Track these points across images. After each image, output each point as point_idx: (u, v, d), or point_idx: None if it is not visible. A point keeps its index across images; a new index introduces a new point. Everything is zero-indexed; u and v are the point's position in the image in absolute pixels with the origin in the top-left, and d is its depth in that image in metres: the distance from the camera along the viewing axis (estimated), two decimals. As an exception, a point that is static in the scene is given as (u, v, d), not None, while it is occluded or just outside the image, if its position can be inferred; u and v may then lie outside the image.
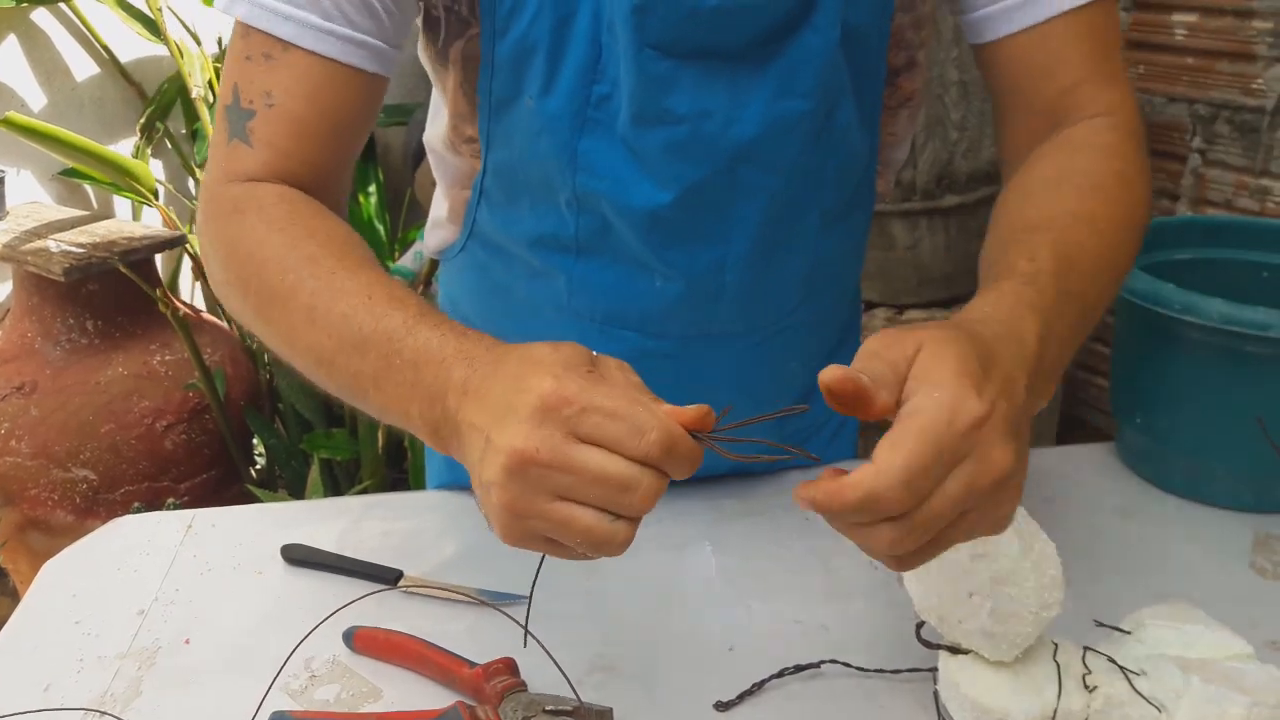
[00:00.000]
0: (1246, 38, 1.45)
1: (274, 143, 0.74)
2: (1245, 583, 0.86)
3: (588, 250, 0.84)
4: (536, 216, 0.84)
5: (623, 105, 0.75)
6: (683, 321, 0.87)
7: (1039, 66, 0.78)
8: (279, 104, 0.73)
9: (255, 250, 0.70)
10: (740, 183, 0.79)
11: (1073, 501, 0.97)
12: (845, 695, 0.73)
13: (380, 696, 0.73)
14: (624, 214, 0.80)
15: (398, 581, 0.84)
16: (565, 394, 0.52)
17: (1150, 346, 0.96)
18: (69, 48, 2.12)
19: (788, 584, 0.85)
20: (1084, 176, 0.73)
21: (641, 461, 0.52)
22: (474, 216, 0.88)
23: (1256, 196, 1.49)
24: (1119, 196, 0.73)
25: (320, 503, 1.00)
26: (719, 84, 0.74)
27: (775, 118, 0.76)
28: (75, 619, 0.81)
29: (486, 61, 0.77)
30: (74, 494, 1.89)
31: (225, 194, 0.74)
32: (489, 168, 0.83)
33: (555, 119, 0.77)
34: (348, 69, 0.73)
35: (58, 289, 1.87)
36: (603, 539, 0.53)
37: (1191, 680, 0.65)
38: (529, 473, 0.52)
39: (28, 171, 2.11)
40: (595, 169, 0.78)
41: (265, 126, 0.74)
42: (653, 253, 0.82)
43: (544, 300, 0.89)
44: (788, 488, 0.99)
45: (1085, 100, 0.78)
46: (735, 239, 0.82)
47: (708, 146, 0.76)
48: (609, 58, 0.74)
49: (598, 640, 0.78)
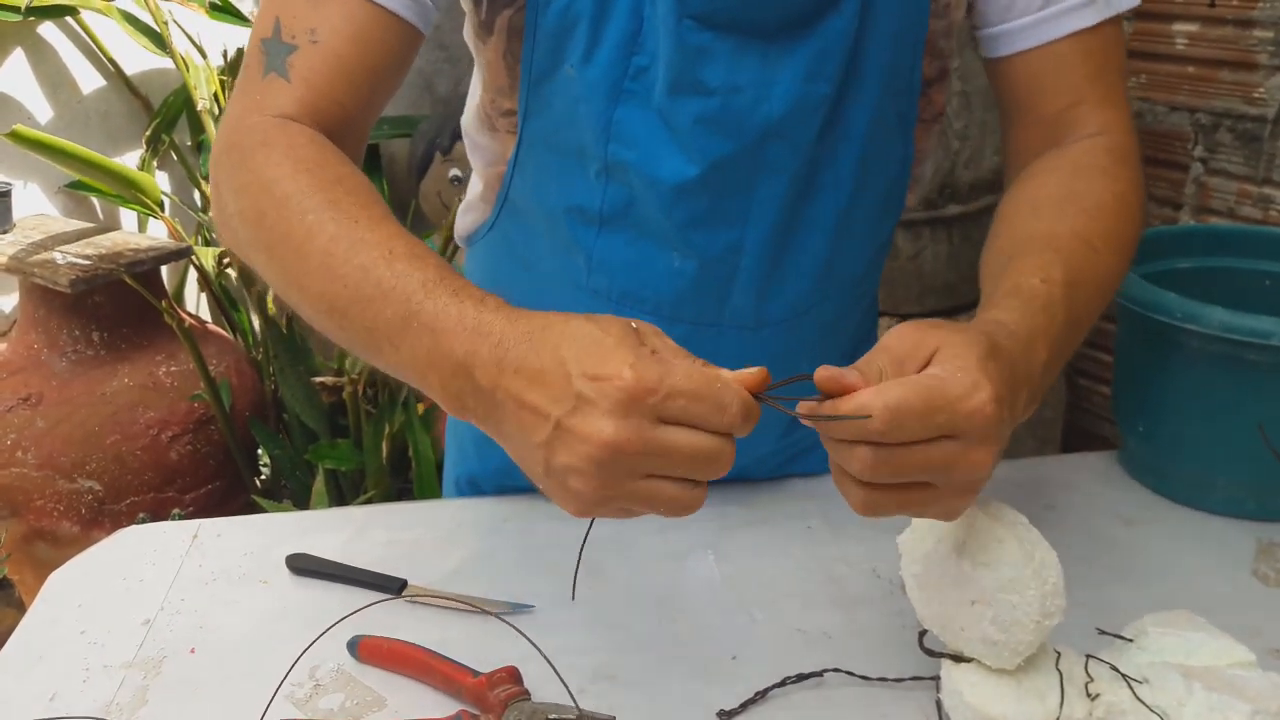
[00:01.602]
0: (1248, 47, 1.46)
1: (311, 80, 0.74)
2: (1248, 590, 0.86)
3: (610, 224, 0.86)
4: (567, 187, 0.86)
5: (659, 76, 0.78)
6: (696, 307, 0.88)
7: (1044, 83, 0.84)
8: (323, 41, 0.74)
9: (275, 185, 0.70)
10: (764, 161, 0.81)
11: (1075, 509, 0.97)
12: (848, 704, 0.73)
13: (384, 705, 0.73)
14: (651, 186, 0.82)
15: (402, 591, 0.85)
16: (648, 384, 0.54)
17: (1152, 355, 0.96)
18: (75, 61, 2.14)
19: (790, 592, 0.85)
20: (1087, 198, 0.78)
21: (725, 434, 0.56)
22: (507, 191, 0.90)
23: (1259, 205, 1.49)
24: (1119, 218, 0.78)
25: (325, 513, 1.01)
26: (751, 60, 0.77)
27: (801, 98, 0.78)
28: (81, 629, 0.81)
29: (530, 31, 0.79)
30: (79, 505, 1.89)
31: (254, 125, 0.74)
32: (524, 139, 0.85)
33: (593, 88, 0.79)
34: (392, 15, 0.75)
35: (64, 300, 1.88)
36: (687, 504, 0.58)
37: (1194, 688, 0.65)
38: (619, 461, 0.55)
39: (34, 184, 2.12)
40: (627, 139, 0.80)
41: (306, 62, 0.74)
42: (674, 229, 0.84)
43: (564, 278, 0.90)
44: (790, 496, 0.99)
45: (1084, 118, 0.83)
46: (754, 222, 0.84)
47: (737, 121, 0.79)
48: (649, 29, 0.77)
49: (601, 648, 0.78)
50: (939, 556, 0.66)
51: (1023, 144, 0.87)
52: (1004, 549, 0.63)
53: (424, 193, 2.36)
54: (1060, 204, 0.78)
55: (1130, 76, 1.63)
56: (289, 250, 0.68)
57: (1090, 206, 0.77)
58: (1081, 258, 0.73)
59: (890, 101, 0.83)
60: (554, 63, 0.80)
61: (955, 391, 0.56)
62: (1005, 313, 0.66)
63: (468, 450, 1.06)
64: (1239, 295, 0.97)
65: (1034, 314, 0.66)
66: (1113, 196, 0.79)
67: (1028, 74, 0.84)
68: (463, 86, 2.48)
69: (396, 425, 1.97)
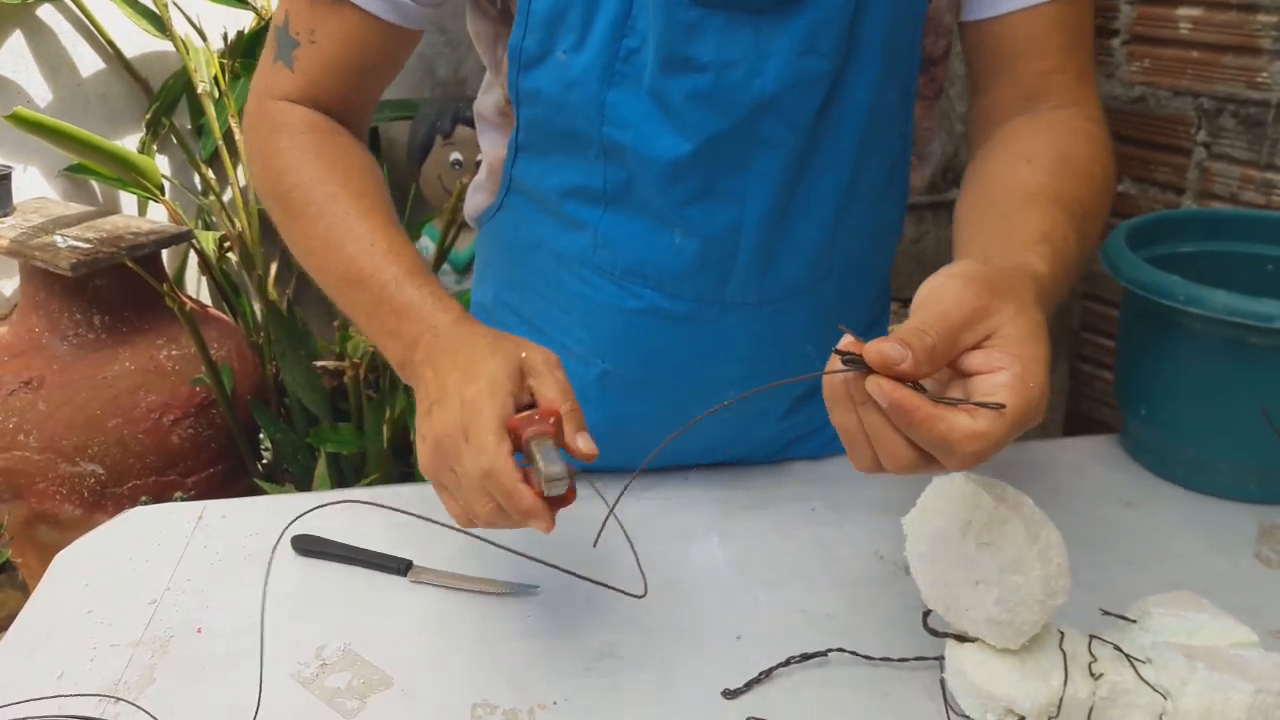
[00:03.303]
0: (1251, 31, 1.45)
1: (310, 73, 0.86)
2: (1249, 573, 0.86)
3: (615, 202, 0.86)
4: (568, 168, 0.87)
5: (650, 55, 0.78)
6: (698, 284, 0.89)
7: (1024, 48, 0.85)
8: (320, 43, 0.85)
9: (286, 172, 0.84)
10: (760, 137, 0.81)
11: (1078, 492, 0.97)
12: (852, 684, 0.74)
13: (392, 684, 0.74)
14: (647, 166, 0.82)
15: (407, 571, 0.85)
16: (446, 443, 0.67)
17: (1155, 338, 0.96)
18: (74, 43, 2.13)
19: (794, 574, 0.86)
20: (1078, 164, 0.80)
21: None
22: (510, 173, 0.91)
23: (1262, 190, 1.49)
24: (1103, 191, 0.81)
25: (329, 494, 1.01)
26: (742, 35, 0.77)
27: (796, 74, 0.78)
28: (88, 608, 0.82)
29: (522, 19, 0.80)
30: (82, 488, 1.89)
31: (267, 110, 0.87)
32: (521, 124, 0.86)
33: (585, 73, 0.80)
34: (384, 23, 0.84)
35: (65, 284, 1.88)
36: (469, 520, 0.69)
37: (1197, 667, 0.66)
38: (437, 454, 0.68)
39: (34, 168, 2.11)
40: (622, 121, 0.81)
41: (306, 57, 0.85)
42: (672, 208, 0.84)
43: (571, 255, 0.91)
44: (792, 479, 0.99)
45: (1060, 87, 0.85)
46: (753, 199, 0.84)
47: (730, 97, 0.79)
48: (639, 10, 0.77)
49: (606, 629, 0.79)
50: (944, 537, 0.67)
51: (996, 105, 0.87)
52: (1009, 530, 0.64)
53: (425, 176, 2.35)
54: (1058, 165, 0.78)
55: (1134, 61, 1.62)
56: (299, 229, 0.84)
57: (1082, 173, 0.79)
58: (1081, 224, 0.75)
59: (892, 78, 0.83)
60: (545, 49, 0.80)
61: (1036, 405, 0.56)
62: (1041, 263, 0.67)
63: None
64: (1241, 279, 0.97)
65: (1061, 274, 0.68)
66: (1100, 167, 0.81)
67: (1009, 37, 0.84)
68: (463, 70, 2.48)
69: (398, 409, 1.97)
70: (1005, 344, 0.57)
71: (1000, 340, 0.57)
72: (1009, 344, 0.57)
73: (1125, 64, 1.65)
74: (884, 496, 0.95)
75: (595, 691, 0.73)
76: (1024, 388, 0.55)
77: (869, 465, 0.59)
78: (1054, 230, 0.71)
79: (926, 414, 0.54)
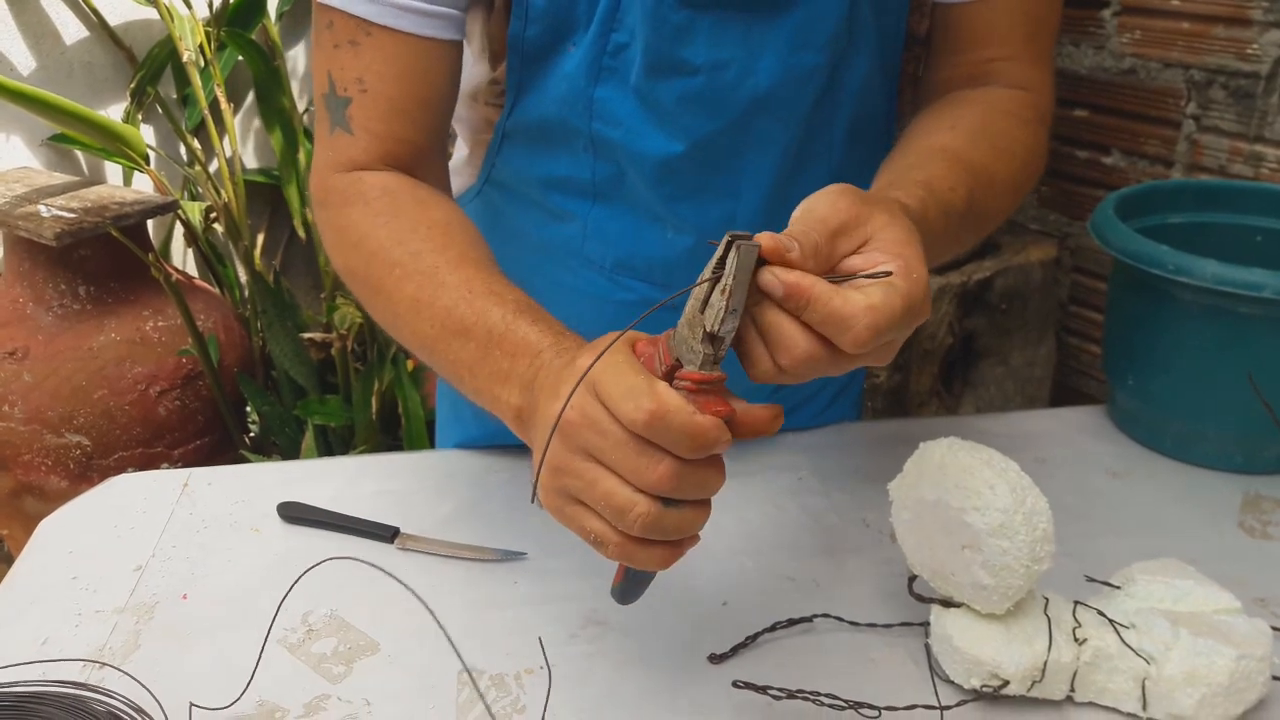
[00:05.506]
0: (1242, 3, 1.45)
1: (371, 128, 0.77)
2: (1234, 542, 0.87)
3: (605, 196, 0.86)
4: (558, 160, 0.86)
5: (637, 57, 0.77)
6: (692, 276, 0.87)
7: (984, 35, 0.85)
8: (371, 88, 0.76)
9: (362, 243, 0.75)
10: (753, 135, 0.80)
11: (1065, 462, 0.97)
12: (837, 649, 0.74)
13: (378, 650, 0.73)
14: (637, 163, 0.82)
15: (394, 539, 0.85)
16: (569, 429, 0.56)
17: (1143, 308, 0.96)
18: (58, 11, 2.10)
19: (781, 541, 0.86)
20: (1001, 139, 0.79)
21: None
22: (493, 160, 0.89)
23: (1250, 162, 1.49)
24: (1024, 169, 0.81)
25: (316, 462, 1.01)
26: (734, 35, 0.76)
27: (790, 70, 0.78)
28: (73, 574, 0.81)
29: (520, 10, 0.78)
30: (67, 460, 1.89)
31: (334, 185, 0.78)
32: (514, 114, 0.85)
33: (575, 67, 0.79)
34: (428, 41, 0.76)
35: (49, 254, 1.86)
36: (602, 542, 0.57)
37: (1180, 633, 0.66)
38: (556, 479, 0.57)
39: (16, 137, 2.09)
40: (611, 117, 0.80)
41: (362, 111, 0.77)
42: (664, 204, 0.83)
43: (558, 246, 0.90)
44: (780, 449, 0.99)
45: (1011, 71, 0.85)
46: (746, 194, 0.83)
47: (723, 98, 0.78)
48: (627, 4, 0.76)
49: (592, 595, 0.79)
50: (930, 502, 0.67)
51: (944, 78, 0.87)
52: (995, 494, 0.64)
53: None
54: (977, 134, 0.78)
55: (1124, 32, 1.62)
56: (382, 300, 0.74)
57: (1003, 147, 0.79)
58: (983, 189, 0.74)
59: (879, 61, 0.83)
60: (553, 39, 0.79)
61: (922, 294, 0.55)
62: (914, 201, 0.65)
63: (464, 415, 1.06)
64: (1230, 250, 0.97)
65: (936, 216, 0.67)
66: (1023, 148, 0.81)
67: (970, 24, 0.84)
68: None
69: (386, 381, 1.97)
70: (882, 244, 0.56)
71: (877, 242, 0.56)
72: (886, 244, 0.56)
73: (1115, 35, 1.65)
74: (871, 465, 0.96)
75: (581, 657, 0.73)
76: (909, 275, 0.55)
77: (768, 369, 0.56)
78: (941, 181, 0.70)
79: (821, 290, 0.53)
